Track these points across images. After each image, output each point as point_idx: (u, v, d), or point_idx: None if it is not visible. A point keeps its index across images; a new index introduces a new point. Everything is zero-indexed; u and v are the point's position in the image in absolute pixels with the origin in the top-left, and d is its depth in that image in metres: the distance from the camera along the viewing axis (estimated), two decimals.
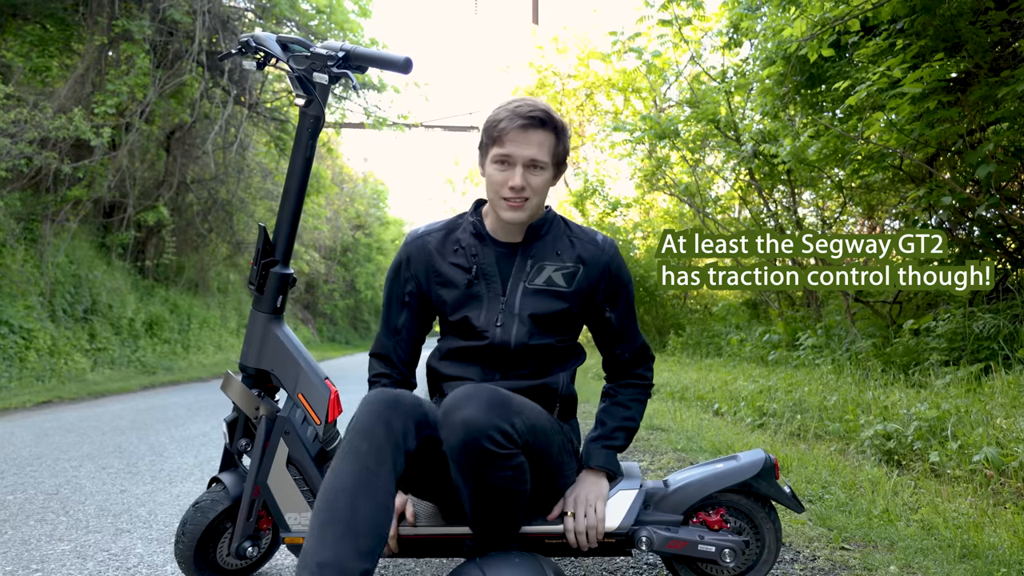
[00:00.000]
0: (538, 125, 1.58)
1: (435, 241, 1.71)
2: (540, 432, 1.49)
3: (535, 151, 1.58)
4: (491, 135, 1.61)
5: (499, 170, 1.59)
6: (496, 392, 1.40)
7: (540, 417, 1.51)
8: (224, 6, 11.00)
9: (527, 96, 1.93)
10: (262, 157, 14.19)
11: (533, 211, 1.64)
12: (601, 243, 1.71)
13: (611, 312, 1.72)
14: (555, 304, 1.65)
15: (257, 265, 1.72)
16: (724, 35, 7.67)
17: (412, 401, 1.45)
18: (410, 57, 1.66)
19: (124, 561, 2.09)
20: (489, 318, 1.64)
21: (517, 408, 1.41)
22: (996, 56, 4.64)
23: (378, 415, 1.39)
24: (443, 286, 1.69)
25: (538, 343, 1.64)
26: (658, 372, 7.39)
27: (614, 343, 1.75)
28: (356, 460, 1.34)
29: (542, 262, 1.67)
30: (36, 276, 8.71)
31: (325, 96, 1.66)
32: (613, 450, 1.68)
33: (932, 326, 4.61)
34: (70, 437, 4.45)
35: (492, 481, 1.38)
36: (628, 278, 1.74)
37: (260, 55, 1.70)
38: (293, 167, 1.72)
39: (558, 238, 1.71)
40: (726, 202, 9.45)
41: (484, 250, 1.68)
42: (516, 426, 1.37)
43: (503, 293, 1.66)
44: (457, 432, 1.34)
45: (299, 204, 1.74)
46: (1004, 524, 2.12)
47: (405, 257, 1.72)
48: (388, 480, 1.34)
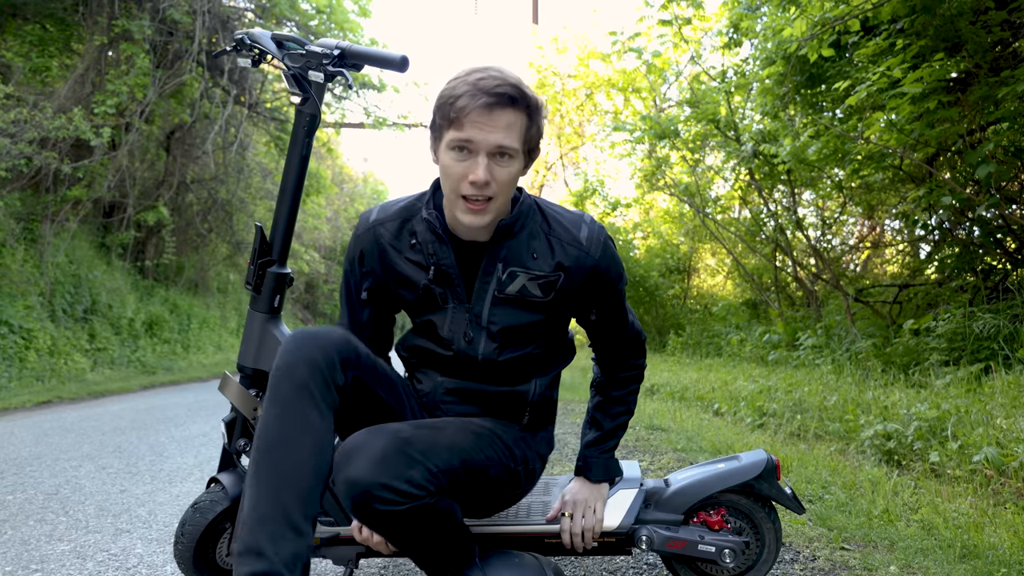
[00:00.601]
0: (506, 103, 1.29)
1: (389, 234, 1.48)
2: (468, 468, 1.31)
3: (502, 135, 1.29)
4: (447, 114, 1.31)
5: (457, 159, 1.31)
6: (394, 438, 1.22)
7: (466, 449, 1.33)
8: (224, 6, 11.00)
9: (491, 65, 1.39)
10: (262, 157, 14.18)
11: (499, 212, 1.37)
12: (586, 244, 1.43)
13: (598, 314, 1.53)
14: (529, 316, 1.44)
15: (254, 265, 1.71)
16: (724, 35, 7.67)
17: (337, 336, 1.31)
18: (406, 55, 1.66)
19: (124, 561, 2.09)
20: (455, 329, 1.45)
21: (421, 453, 1.23)
22: (996, 56, 4.63)
23: (296, 352, 1.26)
24: (401, 285, 1.49)
25: (510, 357, 1.46)
26: (658, 372, 7.39)
27: (603, 339, 1.58)
28: (282, 405, 1.23)
29: (515, 267, 1.42)
30: (36, 276, 8.71)
31: (321, 94, 1.65)
32: (612, 454, 1.61)
33: (932, 326, 4.61)
34: (70, 437, 4.44)
35: (404, 533, 1.25)
36: (619, 273, 1.50)
37: (255, 52, 1.70)
38: (289, 165, 1.71)
39: (534, 235, 1.44)
40: (726, 202, 9.45)
41: (443, 249, 1.43)
42: (415, 479, 1.19)
43: (468, 300, 1.44)
44: (343, 492, 1.21)
45: (296, 203, 1.74)
46: (1004, 524, 2.12)
47: (358, 252, 1.53)
48: (319, 419, 1.23)
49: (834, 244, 8.90)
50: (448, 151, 1.32)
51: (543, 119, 1.39)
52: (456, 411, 1.52)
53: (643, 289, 11.94)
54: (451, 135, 1.30)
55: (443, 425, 1.37)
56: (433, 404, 1.53)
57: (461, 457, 1.30)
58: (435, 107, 1.35)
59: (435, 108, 1.35)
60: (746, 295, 10.42)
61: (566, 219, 1.47)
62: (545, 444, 1.61)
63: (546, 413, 1.59)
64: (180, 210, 12.82)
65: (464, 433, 1.37)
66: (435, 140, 1.38)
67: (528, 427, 1.56)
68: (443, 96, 1.32)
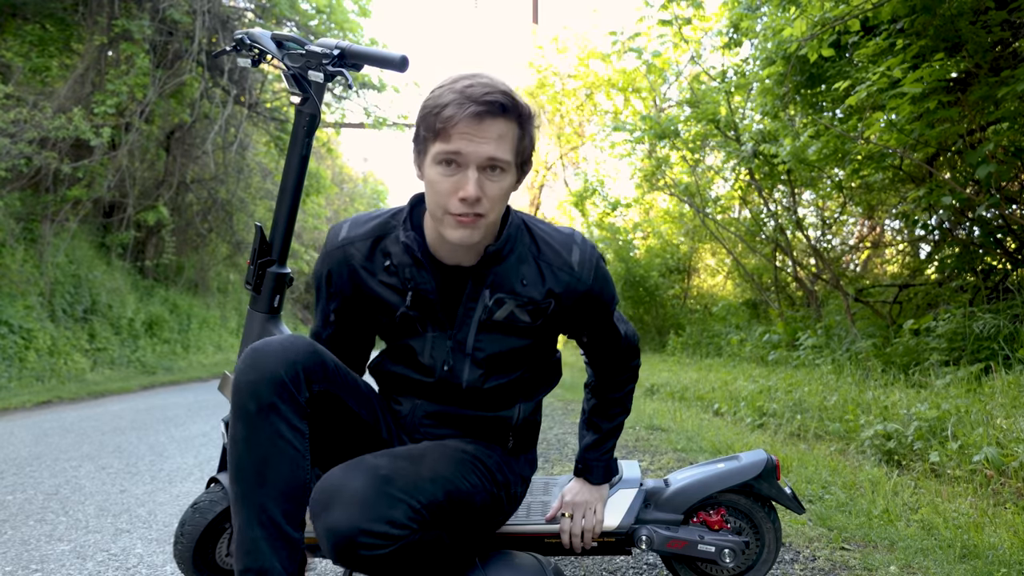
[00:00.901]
0: (497, 112, 1.20)
1: (360, 254, 1.37)
2: (452, 499, 1.25)
3: (493, 147, 1.20)
4: (432, 126, 1.21)
5: (444, 174, 1.21)
6: (373, 477, 1.15)
7: (449, 478, 1.26)
8: (224, 6, 11.00)
9: (479, 72, 1.24)
10: (262, 157, 14.19)
11: (489, 228, 1.27)
12: (578, 269, 1.35)
13: (589, 335, 1.48)
14: (517, 342, 1.37)
15: (254, 265, 1.71)
16: (724, 35, 7.67)
17: (301, 346, 1.23)
18: (406, 55, 1.65)
19: (124, 561, 2.09)
20: (436, 356, 1.37)
21: (403, 490, 1.16)
22: (996, 56, 4.63)
23: (257, 368, 1.19)
24: (375, 309, 1.39)
25: (496, 384, 1.39)
26: (658, 372, 7.39)
27: (595, 352, 1.54)
28: (250, 426, 1.18)
29: (503, 294, 1.33)
30: (36, 276, 8.71)
31: (321, 94, 1.65)
32: (611, 455, 1.60)
33: (932, 326, 4.61)
34: (70, 437, 4.44)
35: (394, 570, 1.18)
36: (611, 295, 1.44)
37: (255, 52, 1.69)
38: (289, 165, 1.71)
39: (523, 260, 1.35)
40: (726, 202, 9.45)
41: (422, 274, 1.33)
42: (398, 519, 1.13)
43: (451, 326, 1.36)
44: (325, 541, 1.15)
45: (295, 202, 1.74)
46: (1004, 524, 2.12)
47: (326, 272, 1.42)
48: (290, 431, 1.19)
49: (834, 244, 8.90)
50: (434, 165, 1.22)
51: (535, 129, 1.29)
52: (435, 434, 1.45)
53: (643, 289, 11.94)
54: (437, 148, 1.21)
55: (423, 453, 1.29)
56: (412, 426, 1.46)
57: (445, 488, 1.24)
58: (419, 118, 1.26)
59: (419, 119, 1.26)
60: (746, 295, 10.42)
61: (556, 240, 1.38)
62: (528, 466, 1.55)
63: (530, 436, 1.54)
64: (180, 210, 12.82)
65: (446, 461, 1.29)
66: (419, 154, 1.27)
67: (513, 451, 1.50)
68: (427, 106, 1.23)
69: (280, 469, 1.18)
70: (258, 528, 1.17)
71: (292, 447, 1.19)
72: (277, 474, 1.18)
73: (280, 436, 1.18)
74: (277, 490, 1.18)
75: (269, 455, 1.18)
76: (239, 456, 1.20)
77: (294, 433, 1.20)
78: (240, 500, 1.19)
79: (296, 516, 1.20)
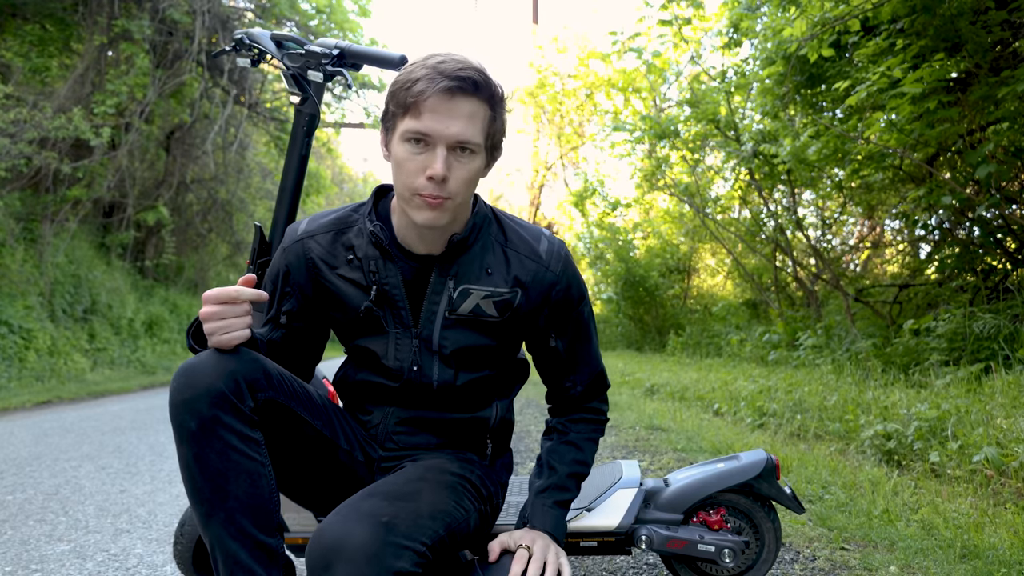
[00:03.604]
0: (469, 90, 1.15)
1: (320, 247, 1.31)
2: (452, 531, 1.18)
3: (463, 126, 1.16)
4: (401, 102, 1.17)
5: (412, 152, 1.17)
6: (375, 526, 1.06)
7: (447, 511, 1.19)
8: (224, 6, 11.00)
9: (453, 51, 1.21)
10: (262, 157, 14.20)
11: (457, 211, 1.22)
12: (545, 257, 1.31)
13: (557, 340, 1.37)
14: (483, 339, 1.31)
15: (253, 265, 1.71)
16: (724, 35, 7.68)
17: (239, 355, 1.15)
18: (405, 55, 1.65)
19: (124, 561, 2.09)
20: (401, 357, 1.31)
21: (406, 536, 1.07)
22: (996, 56, 4.64)
23: (192, 385, 1.11)
24: (333, 306, 1.32)
25: (469, 380, 1.33)
26: (658, 372, 7.39)
27: (562, 374, 1.40)
28: (197, 445, 1.10)
29: (467, 284, 1.28)
30: (36, 276, 8.71)
31: (320, 94, 1.65)
32: (564, 507, 1.36)
33: (932, 326, 4.61)
34: (70, 437, 4.44)
35: None
36: (580, 293, 1.36)
37: (255, 52, 1.70)
38: (289, 165, 1.71)
39: (489, 248, 1.30)
40: (726, 202, 9.46)
41: (389, 267, 1.28)
42: (404, 569, 1.04)
43: (415, 324, 1.30)
44: None
45: (295, 202, 1.74)
46: (1004, 524, 2.12)
47: (283, 267, 1.34)
48: (241, 441, 1.12)
49: (834, 244, 8.91)
50: (402, 143, 1.17)
51: (505, 112, 1.24)
52: (410, 443, 1.37)
53: (643, 289, 11.95)
54: (406, 124, 1.16)
55: (417, 488, 1.21)
56: (384, 436, 1.38)
57: (445, 522, 1.17)
58: (388, 94, 1.20)
59: (388, 95, 1.20)
60: (746, 295, 10.43)
61: (525, 230, 1.34)
62: (505, 472, 1.49)
63: (506, 437, 1.47)
64: (180, 210, 12.82)
65: (440, 491, 1.22)
66: (387, 132, 1.22)
67: (491, 458, 1.44)
68: (399, 81, 1.18)
69: (239, 482, 1.11)
70: (232, 542, 1.11)
71: (247, 458, 1.12)
72: (238, 487, 1.11)
73: (232, 448, 1.11)
74: (242, 504, 1.11)
75: (225, 469, 1.11)
76: (192, 478, 1.12)
77: (246, 443, 1.13)
78: (206, 521, 1.12)
79: (268, 524, 1.14)
